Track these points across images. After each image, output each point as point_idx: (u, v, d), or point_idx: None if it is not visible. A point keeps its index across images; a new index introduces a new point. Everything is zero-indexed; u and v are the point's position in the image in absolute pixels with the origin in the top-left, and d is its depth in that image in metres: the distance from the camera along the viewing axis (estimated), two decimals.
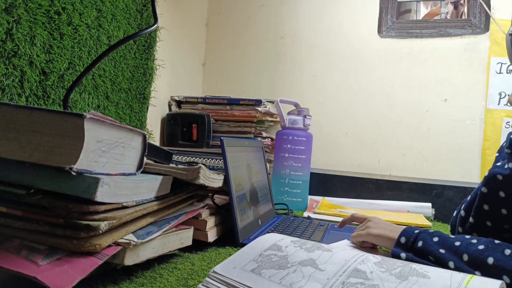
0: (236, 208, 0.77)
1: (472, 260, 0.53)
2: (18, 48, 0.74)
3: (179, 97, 1.48)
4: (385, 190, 1.40)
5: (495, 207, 0.62)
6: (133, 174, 0.57)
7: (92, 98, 0.97)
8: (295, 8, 1.66)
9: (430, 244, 0.58)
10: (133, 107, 1.16)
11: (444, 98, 1.46)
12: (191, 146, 1.36)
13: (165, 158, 0.73)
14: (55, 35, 0.83)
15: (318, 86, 1.61)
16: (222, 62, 1.74)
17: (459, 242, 0.56)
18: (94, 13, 0.95)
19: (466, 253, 0.54)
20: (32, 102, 0.78)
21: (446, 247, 0.57)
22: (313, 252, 0.51)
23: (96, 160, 0.48)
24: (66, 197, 0.47)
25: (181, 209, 0.68)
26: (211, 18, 1.77)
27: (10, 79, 0.73)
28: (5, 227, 0.47)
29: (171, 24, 1.41)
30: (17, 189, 0.48)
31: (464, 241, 0.56)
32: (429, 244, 0.58)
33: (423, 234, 0.61)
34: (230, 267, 0.48)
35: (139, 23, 1.15)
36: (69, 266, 0.43)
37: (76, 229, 0.46)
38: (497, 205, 0.62)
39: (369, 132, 1.54)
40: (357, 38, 1.58)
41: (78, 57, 0.90)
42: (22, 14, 0.74)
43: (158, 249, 0.58)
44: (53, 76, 0.83)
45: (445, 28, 1.50)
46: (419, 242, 0.59)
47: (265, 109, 1.42)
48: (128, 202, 0.52)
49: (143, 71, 1.20)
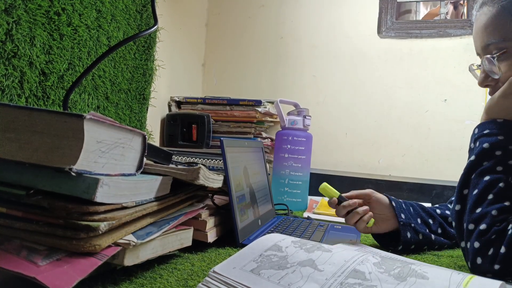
0: (236, 208, 0.77)
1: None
2: (18, 49, 0.74)
3: (178, 98, 1.48)
4: (385, 190, 1.39)
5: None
6: (133, 175, 0.57)
7: (92, 99, 0.97)
8: (295, 8, 1.66)
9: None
10: (133, 108, 1.17)
11: (444, 98, 1.47)
12: (191, 146, 1.36)
13: (165, 158, 0.73)
14: (55, 36, 0.83)
15: (318, 86, 1.61)
16: (222, 62, 1.74)
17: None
18: (94, 14, 0.95)
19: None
20: (32, 102, 0.78)
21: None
22: (313, 253, 0.51)
23: (96, 161, 0.48)
24: (66, 197, 0.47)
25: (181, 209, 0.68)
26: (211, 18, 1.77)
27: (10, 79, 0.73)
28: (5, 227, 0.47)
29: (170, 25, 1.41)
30: (17, 189, 0.48)
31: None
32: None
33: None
34: (230, 267, 0.48)
35: (139, 24, 1.16)
36: (68, 267, 0.43)
37: (76, 229, 0.46)
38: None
39: (369, 132, 1.54)
40: (356, 38, 1.58)
41: (78, 58, 0.90)
42: (22, 15, 0.74)
43: (158, 249, 0.58)
44: (53, 76, 0.83)
45: (444, 28, 1.51)
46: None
47: (265, 110, 1.42)
48: (128, 203, 0.52)
49: (143, 72, 1.20)
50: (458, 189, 0.69)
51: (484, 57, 0.71)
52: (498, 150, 0.66)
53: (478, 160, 0.67)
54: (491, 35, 0.69)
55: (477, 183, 0.66)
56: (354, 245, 0.73)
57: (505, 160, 0.65)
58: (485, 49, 0.71)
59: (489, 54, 0.70)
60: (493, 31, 0.69)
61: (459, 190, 0.69)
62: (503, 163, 0.65)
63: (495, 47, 0.69)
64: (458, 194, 0.68)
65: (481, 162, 0.67)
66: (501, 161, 0.65)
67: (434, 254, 0.82)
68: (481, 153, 0.67)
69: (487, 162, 0.66)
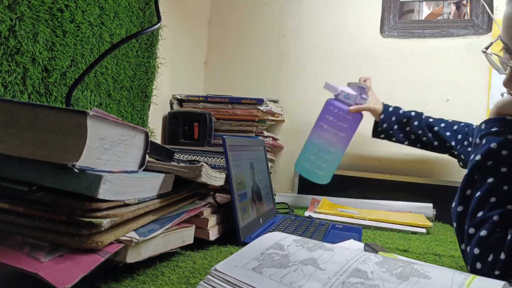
0: (238, 206, 0.77)
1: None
2: (21, 45, 0.74)
3: (180, 96, 1.48)
4: (386, 190, 1.39)
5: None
6: (135, 172, 0.57)
7: (94, 96, 0.97)
8: (298, 7, 1.66)
9: None
10: (135, 105, 1.17)
11: (446, 98, 1.46)
12: (193, 144, 1.36)
13: (167, 156, 0.73)
14: (58, 33, 0.83)
15: (321, 85, 1.60)
16: (224, 60, 1.74)
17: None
18: (97, 11, 0.95)
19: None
20: (34, 99, 0.78)
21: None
22: (315, 252, 0.51)
23: (99, 158, 0.48)
24: (69, 194, 0.47)
25: (183, 207, 0.68)
26: (213, 16, 1.76)
27: (13, 76, 0.73)
28: (8, 223, 0.48)
29: (173, 23, 1.41)
30: (20, 185, 0.48)
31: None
32: None
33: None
34: (231, 265, 0.48)
35: (142, 21, 1.15)
36: (71, 263, 0.43)
37: (79, 226, 0.46)
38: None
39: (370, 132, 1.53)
40: (359, 38, 1.57)
41: (80, 55, 0.90)
42: (25, 11, 0.74)
43: (159, 246, 0.58)
44: (56, 73, 0.83)
45: (447, 28, 1.50)
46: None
47: (266, 108, 1.42)
48: (130, 200, 0.53)
49: (145, 69, 1.20)
50: (461, 188, 0.67)
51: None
52: (504, 150, 0.64)
53: (484, 160, 0.65)
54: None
55: (481, 184, 0.64)
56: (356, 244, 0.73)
57: (511, 161, 0.63)
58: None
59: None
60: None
61: (462, 190, 0.67)
62: (508, 164, 0.63)
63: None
64: (461, 194, 0.67)
65: (486, 162, 0.65)
66: (507, 162, 0.63)
67: (435, 254, 0.82)
68: (487, 153, 0.65)
69: (492, 163, 0.64)
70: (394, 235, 0.99)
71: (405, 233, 1.03)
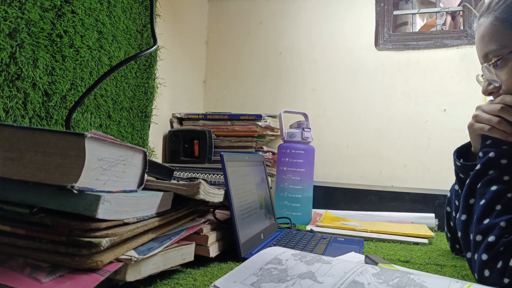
0: (238, 223, 0.78)
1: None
2: (22, 71, 0.76)
3: (180, 114, 1.49)
4: (387, 202, 1.40)
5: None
6: (134, 191, 0.58)
7: (94, 118, 0.99)
8: (293, 24, 1.69)
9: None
10: (135, 125, 1.18)
11: (443, 108, 1.48)
12: (193, 162, 1.37)
13: (166, 174, 0.74)
14: (57, 57, 0.85)
15: (318, 99, 1.63)
16: (223, 78, 1.77)
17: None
18: (95, 35, 0.97)
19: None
20: (35, 123, 0.80)
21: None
22: (313, 265, 0.52)
23: (98, 178, 0.49)
24: (68, 215, 0.47)
25: (182, 224, 0.68)
26: (211, 36, 1.80)
27: (14, 101, 0.75)
28: (9, 246, 0.48)
29: (171, 43, 1.44)
30: (21, 208, 0.49)
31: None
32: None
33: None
34: (230, 281, 0.48)
35: (140, 43, 1.18)
36: (71, 283, 0.44)
37: (78, 246, 0.47)
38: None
39: (369, 144, 1.55)
40: (354, 52, 1.60)
41: (80, 78, 0.92)
42: (25, 38, 0.76)
43: (159, 265, 0.59)
44: (56, 97, 0.85)
45: (441, 39, 1.52)
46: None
47: (265, 124, 1.43)
48: (129, 219, 0.53)
49: (145, 90, 1.22)
50: (463, 198, 0.68)
51: (483, 66, 0.72)
52: (503, 159, 0.66)
53: (484, 169, 0.67)
54: (488, 44, 0.71)
55: (483, 192, 0.65)
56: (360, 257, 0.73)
57: (511, 169, 0.65)
58: (485, 58, 0.72)
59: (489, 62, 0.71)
60: (490, 40, 0.70)
61: (464, 200, 0.68)
62: (510, 173, 0.65)
63: (493, 55, 0.70)
64: (464, 204, 0.68)
65: (486, 171, 0.67)
66: (508, 171, 0.65)
67: (437, 264, 0.82)
68: (486, 162, 0.67)
69: (493, 171, 0.66)
70: (395, 246, 0.99)
71: (407, 244, 1.03)
